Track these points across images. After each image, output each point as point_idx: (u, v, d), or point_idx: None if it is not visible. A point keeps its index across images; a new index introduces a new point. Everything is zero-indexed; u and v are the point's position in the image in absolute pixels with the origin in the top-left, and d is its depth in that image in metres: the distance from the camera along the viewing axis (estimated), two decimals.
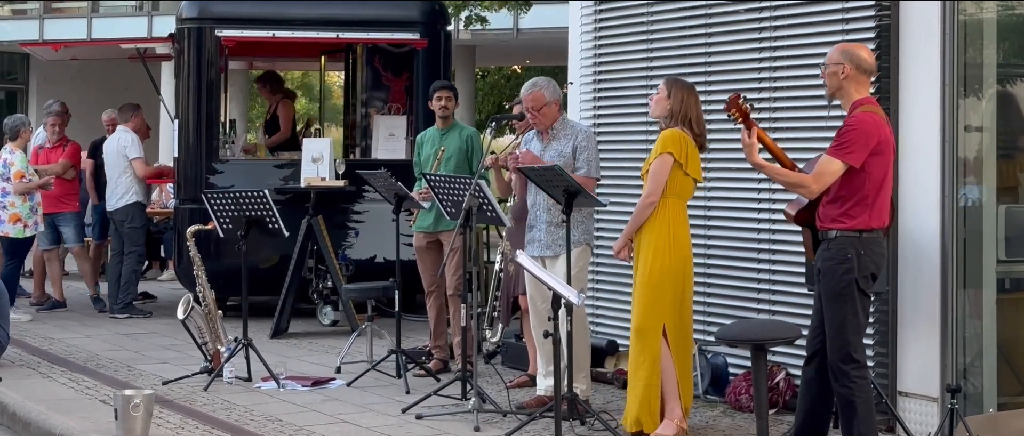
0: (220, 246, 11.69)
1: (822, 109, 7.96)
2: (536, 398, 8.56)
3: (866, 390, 6.79)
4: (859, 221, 6.73)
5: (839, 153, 6.70)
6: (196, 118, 12.85)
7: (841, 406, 6.81)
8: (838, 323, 6.74)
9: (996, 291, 7.90)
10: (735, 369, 8.89)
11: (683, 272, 7.75)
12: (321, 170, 12.41)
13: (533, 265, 7.49)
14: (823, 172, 6.73)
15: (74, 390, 9.44)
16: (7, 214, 12.88)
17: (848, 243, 6.72)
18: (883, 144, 6.77)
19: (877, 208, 6.77)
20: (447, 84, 10.36)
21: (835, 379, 6.77)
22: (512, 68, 34.18)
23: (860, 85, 6.85)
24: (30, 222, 12.97)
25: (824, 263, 6.80)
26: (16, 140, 13.16)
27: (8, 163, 12.98)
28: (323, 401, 8.98)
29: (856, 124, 6.72)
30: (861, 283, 6.73)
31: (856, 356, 6.75)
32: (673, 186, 7.70)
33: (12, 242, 12.99)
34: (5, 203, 12.91)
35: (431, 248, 9.94)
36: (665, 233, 7.70)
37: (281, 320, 11.86)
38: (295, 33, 13.07)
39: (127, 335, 11.97)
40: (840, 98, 6.90)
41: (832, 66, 6.86)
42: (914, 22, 7.84)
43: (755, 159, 6.89)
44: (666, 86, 7.83)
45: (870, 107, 6.82)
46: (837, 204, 6.77)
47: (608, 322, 9.95)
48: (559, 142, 8.49)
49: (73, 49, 16.83)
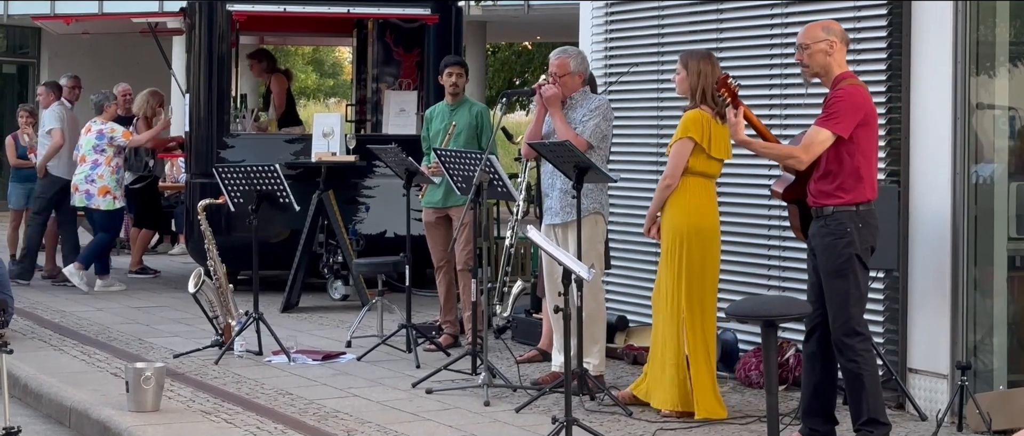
0: (231, 220, 11.73)
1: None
2: (551, 373, 8.57)
3: (872, 363, 6.81)
4: (854, 194, 6.74)
5: (828, 123, 6.71)
6: (207, 93, 12.86)
7: (848, 381, 6.82)
8: (840, 298, 6.75)
9: (1007, 269, 7.89)
10: (745, 345, 8.90)
11: (702, 253, 7.71)
12: (332, 145, 12.42)
13: (544, 240, 7.50)
14: (812, 142, 6.73)
15: (86, 363, 9.48)
16: (97, 188, 13.01)
17: (846, 217, 6.73)
18: (870, 116, 6.81)
19: (868, 180, 6.79)
20: (458, 60, 10.34)
21: (841, 353, 6.78)
22: (523, 44, 34.09)
23: (842, 58, 6.88)
24: (118, 194, 13.14)
25: (822, 239, 6.80)
26: (102, 114, 13.29)
27: (103, 133, 13.07)
28: (333, 375, 9.01)
29: (844, 95, 6.73)
30: (862, 256, 6.75)
31: (860, 329, 6.76)
32: (696, 166, 7.69)
33: (104, 215, 13.13)
34: (94, 176, 13.02)
35: (440, 223, 9.95)
36: (686, 212, 7.69)
37: (292, 294, 11.88)
38: (306, 8, 13.05)
39: (138, 308, 12.00)
40: (822, 76, 6.88)
41: (818, 44, 6.82)
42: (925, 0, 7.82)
43: (741, 137, 6.89)
44: (682, 62, 7.80)
45: (854, 80, 6.85)
46: (829, 179, 6.76)
47: (619, 298, 9.96)
48: (576, 113, 8.47)
49: (85, 23, 16.79)
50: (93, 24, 17.92)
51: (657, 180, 9.28)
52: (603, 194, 8.51)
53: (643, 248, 9.63)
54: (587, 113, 8.39)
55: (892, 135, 8.02)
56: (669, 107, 9.47)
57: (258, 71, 15.06)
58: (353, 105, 14.79)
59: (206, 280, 9.65)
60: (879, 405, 6.79)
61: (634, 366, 9.05)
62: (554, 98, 8.37)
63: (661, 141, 9.60)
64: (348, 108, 14.91)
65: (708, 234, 7.75)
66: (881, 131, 8.02)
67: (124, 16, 17.07)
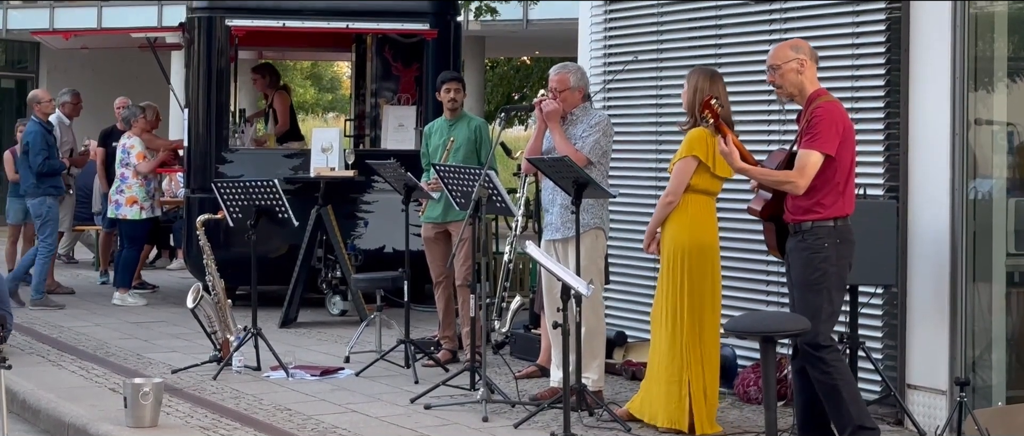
0: (230, 235, 11.73)
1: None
2: (550, 389, 8.55)
3: (845, 371, 6.85)
4: (832, 209, 6.79)
5: (815, 144, 6.74)
6: (206, 107, 12.87)
7: (824, 394, 6.83)
8: (811, 312, 6.77)
9: (1006, 284, 7.90)
10: (743, 361, 8.89)
11: (703, 269, 7.70)
12: (331, 160, 12.43)
13: (543, 256, 7.50)
14: (805, 165, 6.76)
15: (84, 378, 9.47)
16: (124, 197, 13.12)
17: (824, 233, 6.78)
18: (848, 130, 6.86)
19: (847, 195, 6.84)
20: (455, 75, 10.35)
21: (812, 367, 6.82)
22: (522, 59, 34.14)
23: (813, 75, 6.93)
24: (147, 205, 13.19)
25: (799, 254, 6.83)
26: (131, 129, 13.36)
27: (127, 148, 13.18)
28: (332, 390, 9.00)
29: (823, 114, 6.77)
30: (840, 273, 6.77)
31: (824, 343, 6.78)
32: (699, 184, 7.69)
33: (131, 225, 13.22)
34: (123, 187, 13.13)
35: (439, 239, 9.95)
36: (688, 229, 7.69)
37: (290, 309, 11.87)
38: (305, 23, 13.07)
39: (136, 323, 11.99)
40: (796, 95, 6.92)
41: (788, 63, 6.87)
42: (924, 15, 7.83)
43: (738, 165, 6.94)
44: (687, 78, 7.82)
45: (828, 97, 6.91)
46: (807, 195, 6.79)
47: (618, 313, 9.95)
48: (576, 128, 8.47)
49: (83, 38, 16.81)
50: (92, 39, 17.94)
51: (656, 195, 9.32)
52: (604, 209, 8.50)
53: (642, 264, 9.63)
54: (587, 129, 8.39)
55: (891, 150, 8.02)
56: (668, 123, 9.47)
57: (261, 86, 15.04)
58: (352, 120, 14.79)
59: (205, 295, 9.64)
60: (862, 410, 6.81)
61: (633, 382, 9.04)
62: (554, 113, 8.38)
63: (660, 156, 9.61)
64: (347, 123, 14.92)
65: (709, 251, 7.75)
66: (879, 147, 8.06)
67: (123, 31, 17.11)
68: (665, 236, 7.80)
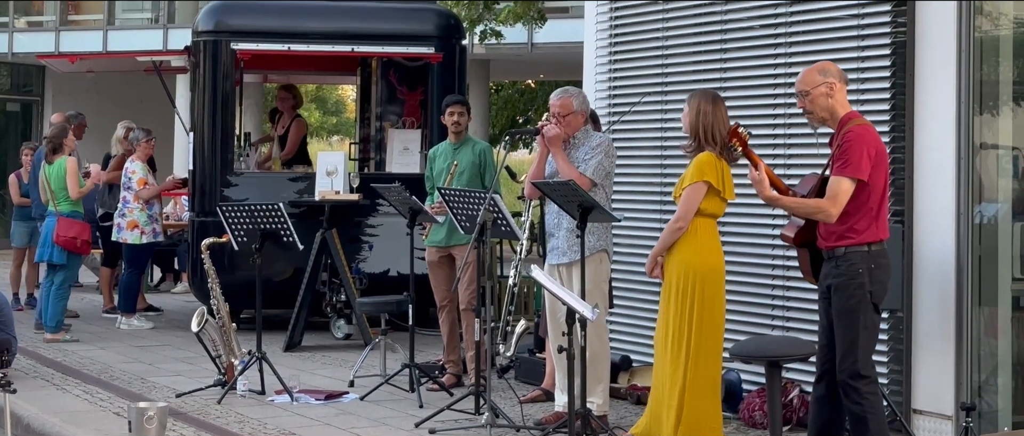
0: (234, 259, 11.73)
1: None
2: (554, 413, 8.53)
3: (878, 405, 6.76)
4: (866, 234, 6.69)
5: (847, 170, 6.65)
6: (211, 131, 12.88)
7: (853, 423, 6.78)
8: (850, 339, 6.69)
9: (1012, 309, 7.88)
10: (749, 385, 8.87)
11: (712, 293, 7.63)
12: (335, 183, 12.43)
13: (548, 280, 7.48)
14: (837, 193, 6.66)
15: (88, 402, 9.46)
16: (126, 221, 13.15)
17: (859, 259, 6.68)
18: (881, 154, 6.76)
19: (881, 219, 6.75)
20: (460, 99, 10.35)
21: (846, 395, 6.73)
22: (526, 82, 34.20)
23: (843, 98, 6.85)
24: (148, 229, 13.21)
25: (835, 280, 6.74)
26: (135, 153, 13.40)
27: (130, 172, 13.23)
28: (336, 415, 8.98)
29: (855, 138, 6.67)
30: (875, 298, 6.71)
31: (865, 372, 6.70)
32: (707, 208, 7.65)
33: (131, 249, 13.23)
34: (125, 211, 13.17)
35: (443, 262, 9.94)
36: (698, 252, 7.62)
37: (295, 333, 11.87)
38: (310, 47, 13.09)
39: (141, 347, 11.99)
40: (828, 119, 6.82)
41: (817, 88, 6.77)
42: (930, 39, 7.84)
43: (768, 194, 6.83)
44: (688, 100, 7.79)
45: (860, 120, 6.81)
46: (841, 220, 6.70)
47: (623, 337, 9.94)
48: (578, 151, 8.47)
49: (89, 61, 16.90)
50: (98, 62, 18.02)
51: (660, 219, 9.33)
52: (608, 232, 8.49)
53: (646, 287, 9.62)
54: (590, 151, 8.39)
55: (896, 175, 8.01)
56: (673, 147, 9.47)
57: (288, 105, 14.88)
58: (357, 143, 14.81)
59: (209, 319, 9.64)
60: None
61: (638, 406, 9.02)
62: (556, 138, 8.37)
63: (664, 179, 9.60)
64: (352, 146, 14.94)
65: (716, 274, 7.70)
66: None
67: (129, 54, 17.18)
68: (673, 260, 7.73)
